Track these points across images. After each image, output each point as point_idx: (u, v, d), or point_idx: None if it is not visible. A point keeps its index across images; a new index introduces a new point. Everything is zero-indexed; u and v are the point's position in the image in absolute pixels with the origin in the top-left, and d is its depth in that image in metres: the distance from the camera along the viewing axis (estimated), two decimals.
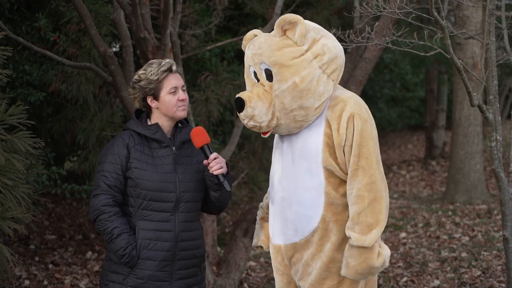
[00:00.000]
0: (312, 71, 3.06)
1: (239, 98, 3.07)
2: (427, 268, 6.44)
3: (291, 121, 3.09)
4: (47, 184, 5.90)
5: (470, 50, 9.06)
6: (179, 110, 3.27)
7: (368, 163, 3.03)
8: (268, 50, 3.06)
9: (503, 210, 4.16)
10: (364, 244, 3.00)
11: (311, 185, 3.10)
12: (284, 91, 3.04)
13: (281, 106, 3.06)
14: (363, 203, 3.01)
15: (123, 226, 3.19)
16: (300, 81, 3.04)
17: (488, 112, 4.03)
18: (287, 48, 3.06)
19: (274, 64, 3.05)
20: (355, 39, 4.19)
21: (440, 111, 14.29)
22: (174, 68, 3.28)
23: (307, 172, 3.11)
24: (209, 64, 7.73)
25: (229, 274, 5.54)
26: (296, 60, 3.05)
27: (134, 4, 4.64)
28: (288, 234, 3.18)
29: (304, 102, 3.05)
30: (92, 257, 6.70)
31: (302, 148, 3.12)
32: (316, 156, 3.08)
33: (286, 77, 3.04)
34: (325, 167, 3.08)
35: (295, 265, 3.21)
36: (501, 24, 4.32)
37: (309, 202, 3.11)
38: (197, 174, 3.31)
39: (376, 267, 3.06)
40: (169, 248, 3.23)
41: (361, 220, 3.01)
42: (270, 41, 3.09)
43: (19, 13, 6.13)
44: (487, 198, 9.55)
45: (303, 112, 3.07)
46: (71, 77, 6.19)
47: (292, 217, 3.15)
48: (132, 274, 3.22)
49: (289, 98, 3.05)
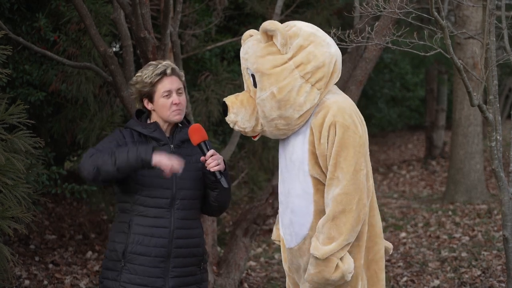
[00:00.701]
0: (291, 81, 2.97)
1: (223, 103, 3.08)
2: (427, 268, 6.44)
3: (274, 129, 3.05)
4: (47, 183, 5.90)
5: (470, 50, 9.06)
6: (173, 114, 3.26)
7: (343, 173, 2.92)
8: (253, 56, 3.01)
9: (503, 210, 4.16)
10: (316, 254, 2.95)
11: (300, 193, 3.06)
12: (264, 100, 3.00)
13: (262, 115, 3.03)
14: (329, 215, 2.94)
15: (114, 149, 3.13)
16: (277, 91, 2.97)
17: (488, 112, 4.03)
18: (270, 55, 2.99)
19: (256, 71, 3.00)
20: (355, 39, 4.19)
21: (440, 111, 14.29)
22: (169, 71, 3.25)
23: (296, 179, 3.07)
24: (209, 64, 7.73)
25: (229, 274, 5.54)
26: (276, 69, 2.97)
27: (134, 4, 4.64)
28: (287, 239, 3.18)
29: (283, 112, 2.99)
30: (92, 257, 6.70)
31: (291, 154, 3.08)
32: (303, 164, 3.03)
33: (265, 86, 2.99)
34: (311, 175, 3.02)
35: (294, 269, 3.21)
36: (501, 24, 4.32)
37: (299, 209, 3.08)
38: (196, 173, 3.31)
39: (332, 280, 2.97)
40: (163, 244, 3.23)
41: (324, 231, 2.95)
42: (256, 46, 3.02)
43: (19, 13, 6.13)
44: (487, 198, 9.55)
45: (283, 121, 3.01)
46: (71, 77, 6.20)
47: (287, 222, 3.15)
48: (125, 269, 3.22)
49: (268, 107, 3.00)
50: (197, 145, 3.21)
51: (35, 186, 4.76)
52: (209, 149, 3.21)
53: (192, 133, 3.21)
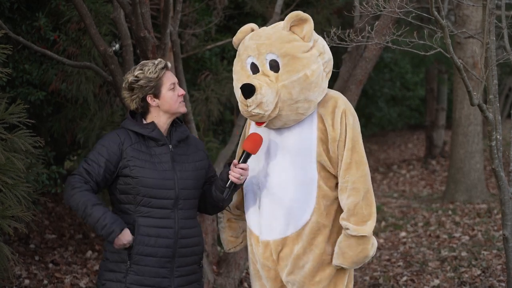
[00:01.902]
0: (319, 66, 3.15)
1: (248, 84, 3.08)
2: (427, 267, 6.43)
3: (293, 113, 3.13)
4: (47, 183, 5.90)
5: (470, 49, 9.06)
6: (181, 106, 3.31)
7: (359, 157, 3.14)
8: (278, 42, 3.12)
9: (503, 209, 4.16)
10: (364, 233, 3.10)
11: (304, 179, 3.17)
12: (294, 81, 3.09)
13: (288, 97, 3.10)
14: (359, 195, 3.11)
15: (96, 199, 3.15)
16: (310, 74, 3.10)
17: (488, 111, 4.03)
18: (296, 42, 3.13)
19: (284, 55, 3.10)
20: (355, 38, 4.19)
21: (440, 110, 14.28)
22: (169, 65, 3.33)
23: (300, 167, 3.17)
24: (209, 64, 7.73)
25: (229, 273, 5.54)
26: (306, 54, 3.12)
27: (134, 3, 4.64)
28: (279, 229, 3.22)
29: (311, 94, 3.12)
30: (92, 257, 6.70)
31: (294, 143, 3.18)
32: (310, 151, 3.15)
33: (297, 69, 3.09)
34: (318, 161, 3.15)
35: (283, 260, 3.25)
36: (501, 23, 4.32)
37: (301, 196, 3.17)
38: (194, 172, 3.33)
39: (369, 256, 3.16)
40: (169, 244, 3.23)
41: (357, 212, 3.11)
42: (279, 33, 3.15)
43: (19, 12, 6.13)
44: (487, 198, 9.55)
45: (307, 105, 3.13)
46: (71, 76, 6.19)
47: (283, 212, 3.20)
48: (131, 270, 3.21)
49: (297, 89, 3.10)
50: (243, 150, 3.24)
51: (35, 186, 4.75)
52: (246, 162, 3.22)
53: (250, 140, 3.22)
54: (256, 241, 3.32)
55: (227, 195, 3.25)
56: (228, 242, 3.57)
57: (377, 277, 6.19)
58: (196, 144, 3.46)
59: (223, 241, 3.60)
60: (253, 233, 3.34)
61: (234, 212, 3.52)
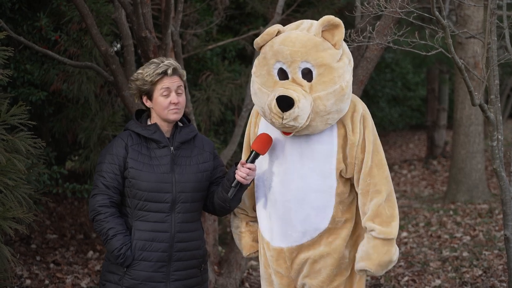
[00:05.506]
0: (351, 76, 3.07)
1: (287, 97, 2.91)
2: (428, 267, 6.43)
3: (322, 123, 3.03)
4: (48, 183, 5.90)
5: (472, 50, 9.05)
6: (171, 113, 3.23)
7: (379, 159, 3.10)
8: (313, 50, 2.97)
9: (504, 209, 4.15)
10: (390, 236, 3.02)
11: (322, 187, 3.09)
12: (329, 93, 2.98)
13: (322, 108, 2.98)
14: (382, 196, 3.04)
15: (118, 226, 3.18)
16: (345, 86, 3.01)
17: (489, 111, 4.03)
18: (330, 50, 3.00)
19: (321, 65, 2.96)
20: (356, 39, 4.18)
21: (442, 111, 14.27)
22: (170, 72, 3.22)
23: (319, 174, 3.08)
24: (210, 64, 7.73)
25: (231, 273, 5.54)
26: (339, 63, 3.01)
27: (136, 3, 4.64)
28: (294, 236, 3.15)
29: (343, 106, 3.03)
30: (93, 257, 6.70)
31: (314, 150, 3.09)
32: (330, 158, 3.08)
33: (333, 80, 2.97)
34: (338, 168, 3.08)
35: (298, 264, 3.19)
36: (502, 24, 4.32)
37: (320, 204, 3.10)
38: (196, 175, 3.28)
39: (393, 261, 3.06)
40: (164, 249, 3.21)
41: (381, 213, 3.03)
42: (314, 40, 2.98)
43: (20, 13, 6.13)
44: (488, 198, 9.54)
45: (337, 115, 3.04)
46: (72, 77, 6.20)
47: (300, 219, 3.12)
48: (127, 274, 3.21)
49: (332, 101, 2.98)
50: (252, 149, 3.20)
51: (36, 186, 4.75)
52: (253, 162, 3.18)
53: (260, 140, 3.17)
54: (267, 246, 3.27)
55: (232, 194, 3.21)
56: (250, 247, 3.45)
57: (378, 277, 6.19)
58: (202, 145, 3.38)
59: (242, 247, 3.47)
60: (264, 238, 3.28)
61: (251, 214, 3.44)
